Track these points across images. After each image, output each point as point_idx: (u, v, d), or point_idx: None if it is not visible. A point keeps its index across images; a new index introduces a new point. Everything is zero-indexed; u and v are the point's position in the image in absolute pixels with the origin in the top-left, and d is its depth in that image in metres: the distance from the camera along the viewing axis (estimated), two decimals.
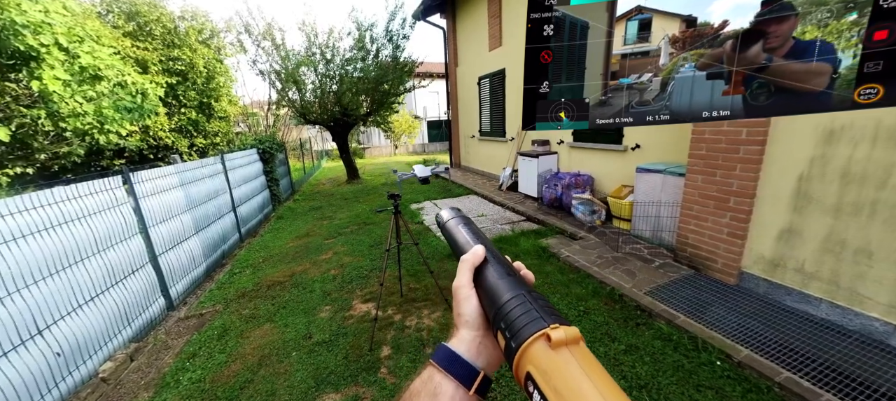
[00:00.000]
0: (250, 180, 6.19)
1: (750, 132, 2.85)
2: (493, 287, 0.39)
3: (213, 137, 9.74)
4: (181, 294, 3.65)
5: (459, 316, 0.41)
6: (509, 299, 0.35)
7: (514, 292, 0.36)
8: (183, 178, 4.02)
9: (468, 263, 0.43)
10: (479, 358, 0.39)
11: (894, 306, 2.27)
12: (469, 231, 0.52)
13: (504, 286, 0.38)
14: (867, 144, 2.29)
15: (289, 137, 13.05)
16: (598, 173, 5.47)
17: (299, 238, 5.38)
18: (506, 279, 0.39)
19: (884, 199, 2.26)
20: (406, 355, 2.55)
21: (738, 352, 2.30)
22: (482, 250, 0.44)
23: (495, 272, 0.41)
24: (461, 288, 0.42)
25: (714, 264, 3.25)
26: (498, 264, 0.42)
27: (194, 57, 8.44)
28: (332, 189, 9.54)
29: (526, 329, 0.32)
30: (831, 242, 2.52)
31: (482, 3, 8.19)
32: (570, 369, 0.28)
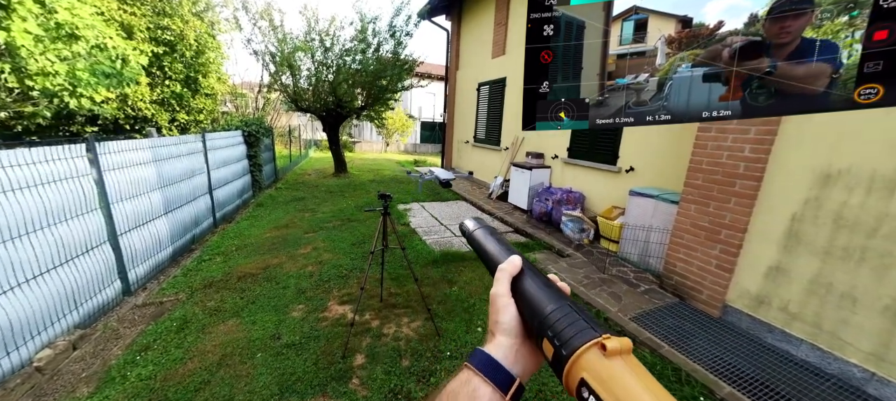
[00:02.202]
0: (231, 163, 5.90)
1: (748, 167, 2.84)
2: (534, 297, 0.40)
3: (198, 113, 9.30)
4: (141, 279, 3.38)
5: (497, 324, 0.41)
6: (554, 309, 0.36)
7: (557, 303, 0.37)
8: (157, 153, 3.75)
9: (506, 273, 0.44)
10: (516, 365, 0.39)
11: (873, 353, 2.27)
12: (499, 242, 0.52)
13: (547, 297, 0.39)
14: (862, 191, 2.30)
15: (278, 123, 12.68)
16: (589, 192, 5.45)
17: (278, 229, 5.14)
18: (546, 290, 0.40)
19: (873, 246, 2.26)
20: (381, 365, 2.40)
21: (721, 388, 2.25)
22: (519, 261, 0.45)
23: (535, 283, 0.42)
24: (500, 296, 0.42)
25: (699, 295, 3.23)
26: (536, 275, 0.43)
27: (185, 28, 8.04)
28: (317, 181, 9.26)
29: (578, 338, 0.33)
30: (817, 285, 2.51)
31: (490, 9, 8.15)
32: (628, 378, 0.29)
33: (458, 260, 4.12)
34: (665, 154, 4.20)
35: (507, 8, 7.43)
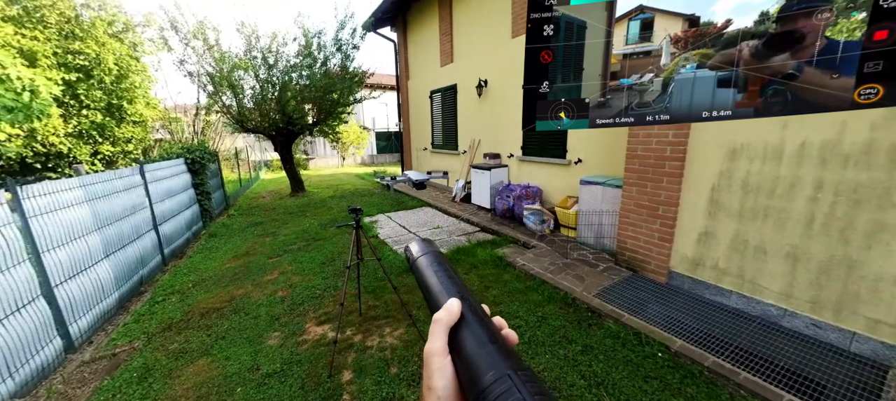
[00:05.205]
0: (176, 194, 5.45)
1: (673, 150, 3.29)
2: (471, 360, 0.32)
3: (125, 143, 8.41)
4: (85, 331, 3.03)
5: (430, 390, 0.33)
6: (491, 384, 0.29)
7: (497, 372, 0.30)
8: (90, 191, 3.39)
9: (442, 324, 0.36)
10: None
11: (783, 293, 2.76)
12: (443, 274, 0.43)
13: (485, 361, 0.31)
14: (759, 160, 2.80)
15: (221, 146, 11.82)
16: (545, 185, 5.85)
17: (237, 258, 4.85)
18: (486, 350, 0.32)
19: (773, 205, 2.76)
20: (370, 377, 2.42)
21: (674, 343, 2.60)
22: (458, 307, 0.37)
23: (474, 340, 0.34)
24: (433, 356, 0.34)
25: (648, 266, 3.65)
26: (477, 325, 0.35)
27: (102, 51, 7.27)
28: (273, 203, 8.81)
29: None
30: (737, 242, 2.99)
31: (433, 21, 8.39)
32: None
33: None
34: (607, 145, 4.68)
35: (450, 18, 7.72)
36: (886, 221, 2.27)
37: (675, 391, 2.20)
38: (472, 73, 7.19)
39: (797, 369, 2.31)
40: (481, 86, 6.90)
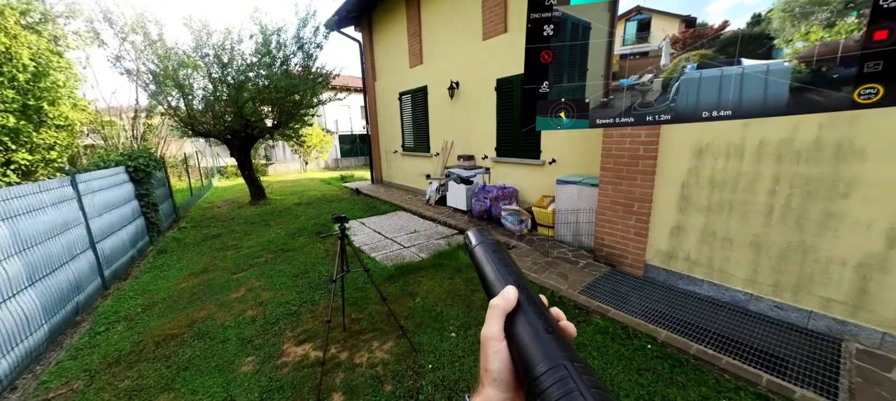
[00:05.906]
0: (117, 207, 4.79)
1: (646, 149, 3.46)
2: (526, 348, 0.32)
3: (47, 151, 7.31)
4: (7, 375, 2.53)
5: (487, 372, 0.35)
6: (546, 371, 0.29)
7: (552, 361, 0.29)
8: (8, 208, 2.85)
9: (498, 309, 0.37)
10: None
11: (748, 279, 3.00)
12: (500, 262, 0.43)
13: (540, 350, 0.31)
14: (723, 158, 3.01)
15: (166, 151, 10.71)
16: (521, 185, 5.94)
17: (195, 275, 4.37)
18: (542, 339, 0.32)
19: (736, 198, 2.98)
20: (363, 397, 2.25)
21: (659, 334, 2.71)
22: (514, 294, 0.37)
23: (530, 328, 0.34)
24: (490, 340, 0.35)
25: (625, 260, 3.80)
26: (534, 314, 0.35)
27: (14, 45, 6.26)
28: (231, 212, 8.12)
29: None
30: (706, 234, 3.20)
31: (401, 22, 8.24)
32: None
33: (414, 271, 4.08)
34: (578, 145, 4.84)
35: (418, 19, 7.63)
36: (834, 210, 2.53)
37: (668, 381, 2.28)
38: (444, 74, 7.15)
39: (765, 349, 2.50)
40: (453, 88, 6.87)
